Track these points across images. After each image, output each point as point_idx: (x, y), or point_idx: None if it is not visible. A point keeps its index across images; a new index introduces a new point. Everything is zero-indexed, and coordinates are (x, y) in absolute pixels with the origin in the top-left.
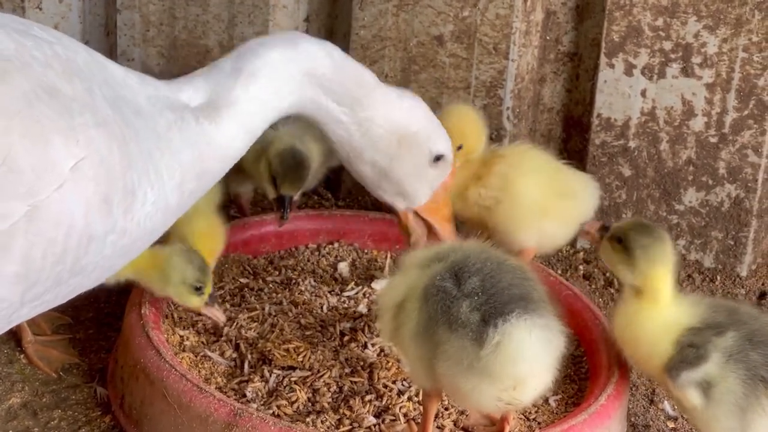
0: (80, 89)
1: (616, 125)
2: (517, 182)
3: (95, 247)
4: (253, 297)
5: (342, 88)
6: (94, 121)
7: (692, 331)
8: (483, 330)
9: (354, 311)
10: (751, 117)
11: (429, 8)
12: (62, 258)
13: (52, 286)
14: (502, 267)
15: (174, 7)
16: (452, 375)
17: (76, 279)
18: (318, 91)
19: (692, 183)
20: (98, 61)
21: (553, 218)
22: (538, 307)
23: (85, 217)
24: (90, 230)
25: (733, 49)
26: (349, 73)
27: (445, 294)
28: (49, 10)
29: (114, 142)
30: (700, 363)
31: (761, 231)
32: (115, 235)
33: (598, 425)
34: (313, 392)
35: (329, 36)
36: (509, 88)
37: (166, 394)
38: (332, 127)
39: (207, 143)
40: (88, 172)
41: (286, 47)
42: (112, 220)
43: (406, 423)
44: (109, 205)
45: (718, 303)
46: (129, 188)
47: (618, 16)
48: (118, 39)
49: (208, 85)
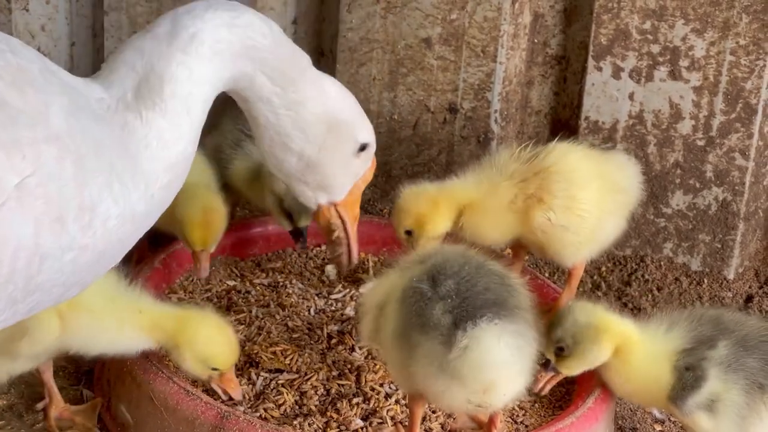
0: (33, 100)
1: (603, 128)
2: (582, 199)
3: (50, 266)
4: (240, 299)
5: (278, 65)
6: (44, 135)
7: (685, 353)
8: (453, 333)
9: (341, 314)
10: (739, 120)
11: (417, 11)
12: (11, 278)
13: (6, 306)
14: (480, 271)
15: (162, 8)
16: (425, 377)
17: (34, 297)
18: (254, 66)
19: (680, 186)
20: (52, 70)
21: (609, 220)
22: (511, 314)
23: (35, 236)
24: (42, 250)
25: (721, 53)
26: (286, 50)
27: (421, 296)
28: (36, 12)
29: (67, 157)
30: (701, 384)
31: (748, 234)
32: (74, 252)
33: (585, 428)
34: (300, 395)
35: (317, 38)
36: (497, 91)
37: (153, 397)
38: (260, 107)
39: (159, 138)
40: (35, 190)
41: (231, 12)
42: (68, 237)
43: (393, 426)
44: (62, 224)
45: (699, 314)
46: (86, 205)
47: (606, 19)
48: (105, 41)
49: (143, 58)
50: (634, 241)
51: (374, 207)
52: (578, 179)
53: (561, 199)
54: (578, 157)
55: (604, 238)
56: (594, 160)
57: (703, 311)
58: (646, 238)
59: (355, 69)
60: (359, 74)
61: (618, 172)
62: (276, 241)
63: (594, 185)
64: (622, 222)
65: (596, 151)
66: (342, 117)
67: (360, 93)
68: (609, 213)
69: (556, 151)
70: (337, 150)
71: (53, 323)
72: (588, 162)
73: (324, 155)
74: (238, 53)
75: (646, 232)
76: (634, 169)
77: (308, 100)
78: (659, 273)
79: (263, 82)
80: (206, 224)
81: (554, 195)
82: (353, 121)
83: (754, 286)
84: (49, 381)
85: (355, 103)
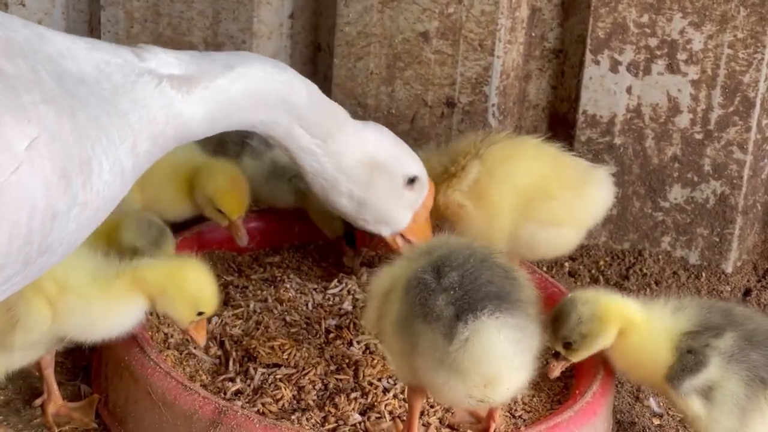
0: (24, 67)
1: (601, 122)
2: (491, 193)
3: (60, 224)
4: (237, 294)
5: (315, 119)
6: (41, 98)
7: (689, 336)
8: (455, 325)
9: (339, 308)
10: (737, 114)
11: (414, 5)
12: (29, 239)
13: (21, 268)
14: (485, 264)
15: (158, 3)
16: (426, 369)
17: (44, 258)
18: (290, 118)
19: (678, 180)
20: (40, 34)
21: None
22: (513, 307)
23: (46, 195)
24: (53, 208)
25: (719, 46)
26: (323, 107)
27: (424, 286)
28: (33, 6)
29: (63, 115)
30: (700, 369)
31: (746, 228)
32: (77, 208)
33: (583, 422)
34: (298, 390)
35: (314, 32)
36: (494, 85)
37: (151, 392)
38: (303, 156)
39: (163, 107)
40: (42, 150)
41: (274, 68)
42: (72, 193)
43: (391, 420)
44: (67, 179)
45: (710, 304)
46: (85, 159)
47: (603, 12)
48: (102, 36)
49: (194, 64)
50: (632, 235)
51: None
52: (501, 173)
53: (471, 183)
54: (522, 154)
55: (523, 243)
56: (545, 163)
57: (714, 302)
58: (644, 232)
59: (352, 63)
60: (356, 68)
61: (579, 185)
62: (273, 235)
63: (514, 185)
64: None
65: (565, 158)
66: (382, 157)
67: (357, 87)
68: (524, 217)
69: (508, 143)
70: (385, 188)
71: (43, 310)
72: (528, 162)
73: (373, 194)
74: (274, 104)
75: (644, 225)
76: (605, 191)
77: (348, 148)
78: (657, 267)
79: (301, 134)
80: (236, 191)
81: (467, 176)
82: (396, 158)
83: (753, 280)
84: (50, 377)
85: (395, 142)
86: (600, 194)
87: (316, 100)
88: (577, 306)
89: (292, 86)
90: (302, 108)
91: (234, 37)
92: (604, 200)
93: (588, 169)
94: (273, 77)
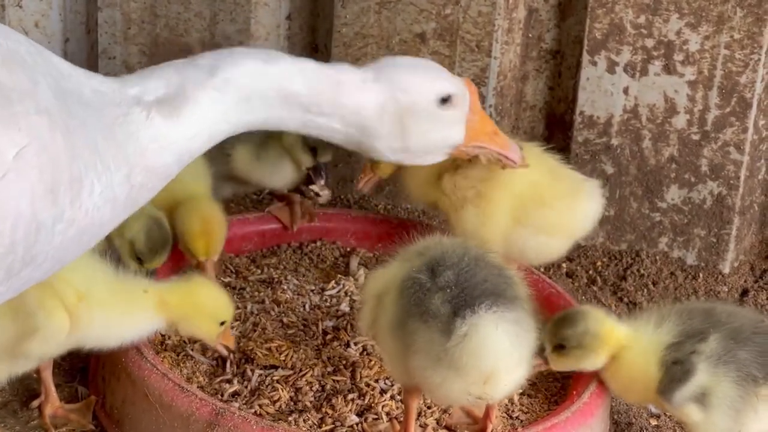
0: (22, 78)
1: (598, 123)
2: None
3: (44, 236)
4: (235, 296)
5: (319, 98)
6: (35, 109)
7: (672, 347)
8: (452, 322)
9: (336, 310)
10: (733, 114)
11: (411, 6)
12: (12, 249)
13: (4, 278)
14: (479, 263)
15: (155, 4)
16: (423, 368)
17: (27, 270)
18: (295, 109)
19: (675, 180)
20: (42, 53)
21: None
22: (509, 303)
23: (31, 206)
24: (37, 219)
25: (715, 47)
26: (324, 84)
27: (420, 286)
28: (30, 8)
29: (57, 130)
30: (689, 377)
31: (743, 228)
32: (63, 224)
33: (581, 423)
34: (295, 391)
35: (311, 33)
36: (492, 86)
37: (148, 394)
38: (326, 134)
39: (154, 139)
40: (31, 159)
41: (265, 63)
42: (58, 209)
43: (388, 422)
44: (54, 194)
45: (690, 308)
46: (75, 177)
47: (600, 13)
48: (99, 37)
49: (179, 77)
50: (629, 236)
51: (369, 203)
52: (502, 176)
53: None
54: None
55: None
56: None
57: (694, 304)
58: (642, 233)
59: None
60: None
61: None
62: (271, 236)
63: (512, 189)
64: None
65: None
66: (402, 101)
67: None
68: (517, 222)
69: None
70: (419, 125)
71: (63, 320)
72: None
73: (411, 136)
74: (273, 101)
75: (641, 226)
76: (594, 203)
77: (365, 110)
78: (655, 267)
79: (311, 118)
80: (206, 234)
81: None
82: (416, 91)
83: (750, 281)
84: (47, 379)
85: (411, 70)
86: (590, 206)
87: (313, 81)
88: (589, 319)
89: (285, 78)
90: (303, 96)
91: (231, 39)
92: (593, 212)
93: (581, 181)
94: (264, 74)
